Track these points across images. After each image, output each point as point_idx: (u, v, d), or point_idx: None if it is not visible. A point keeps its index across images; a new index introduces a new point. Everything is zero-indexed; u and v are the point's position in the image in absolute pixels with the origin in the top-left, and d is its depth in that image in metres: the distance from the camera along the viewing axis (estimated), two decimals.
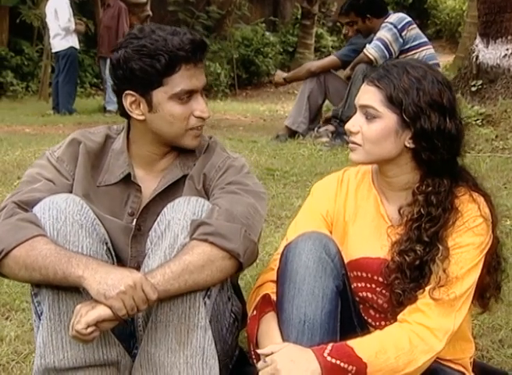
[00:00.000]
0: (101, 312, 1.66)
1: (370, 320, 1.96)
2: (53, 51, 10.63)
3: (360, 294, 1.94)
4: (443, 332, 1.77)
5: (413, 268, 1.83)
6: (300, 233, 1.88)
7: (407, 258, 1.83)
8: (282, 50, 16.61)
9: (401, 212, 1.89)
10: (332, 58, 6.05)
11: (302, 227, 1.97)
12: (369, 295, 1.94)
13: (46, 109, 10.59)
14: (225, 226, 1.80)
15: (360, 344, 1.73)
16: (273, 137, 6.19)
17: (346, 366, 1.69)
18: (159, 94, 1.90)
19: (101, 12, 10.65)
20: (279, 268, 1.86)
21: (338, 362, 1.69)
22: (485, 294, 1.95)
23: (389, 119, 1.82)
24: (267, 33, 16.55)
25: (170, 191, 1.98)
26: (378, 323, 1.94)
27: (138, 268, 1.86)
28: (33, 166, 2.02)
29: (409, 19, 5.72)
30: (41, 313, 1.82)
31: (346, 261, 1.90)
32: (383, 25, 5.56)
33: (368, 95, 1.84)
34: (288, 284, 1.79)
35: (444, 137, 1.80)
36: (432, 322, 1.77)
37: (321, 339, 1.74)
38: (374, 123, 1.83)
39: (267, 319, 1.84)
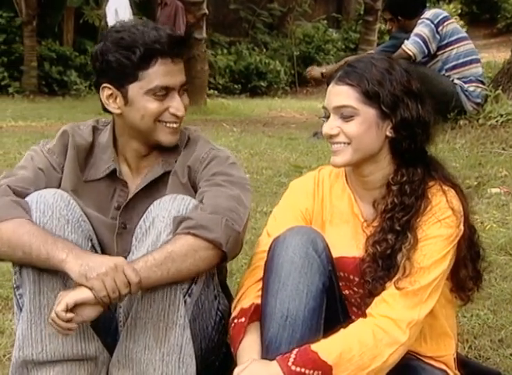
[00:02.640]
0: (81, 294, 1.67)
1: (354, 317, 1.93)
2: None
3: (342, 292, 1.93)
4: (406, 323, 1.74)
5: (385, 257, 1.82)
6: (290, 227, 1.86)
7: (378, 248, 1.83)
8: (343, 47, 16.48)
9: (375, 205, 1.89)
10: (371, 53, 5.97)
11: (282, 223, 1.95)
12: (351, 292, 1.93)
13: None
14: (207, 218, 1.80)
15: (324, 347, 1.71)
16: (311, 135, 6.14)
17: (311, 372, 1.68)
18: (135, 89, 1.90)
19: (158, 11, 10.76)
20: (266, 261, 1.85)
21: (303, 369, 1.68)
22: (464, 286, 1.93)
23: (367, 114, 1.81)
24: (330, 30, 16.45)
25: (154, 188, 1.99)
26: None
27: None
28: (30, 151, 2.04)
29: (445, 14, 5.63)
30: (23, 306, 1.85)
31: None
32: (420, 21, 5.47)
33: (342, 95, 1.82)
34: (273, 279, 1.78)
35: (422, 124, 1.82)
36: (396, 313, 1.75)
37: (302, 335, 1.73)
38: (352, 121, 1.81)
39: (251, 331, 1.82)
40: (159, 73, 1.89)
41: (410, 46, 5.37)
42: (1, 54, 13.31)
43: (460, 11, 16.59)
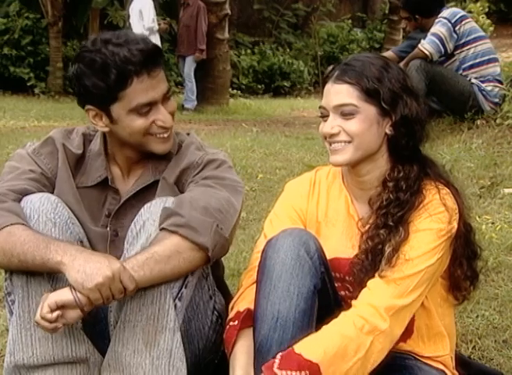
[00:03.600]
0: (64, 296, 1.68)
1: None
2: None
3: (338, 293, 1.93)
4: (388, 309, 1.74)
5: (376, 251, 1.82)
6: (282, 229, 1.86)
7: (370, 243, 1.83)
8: (368, 46, 16.39)
9: (371, 203, 1.88)
10: (389, 54, 5.90)
11: (278, 224, 1.96)
12: (346, 293, 1.93)
13: None
14: (197, 220, 1.79)
15: (307, 346, 1.70)
16: None
17: (298, 373, 1.67)
18: (117, 109, 1.88)
19: (181, 12, 10.82)
20: (259, 263, 1.85)
21: (289, 372, 1.66)
22: (459, 285, 1.92)
23: (367, 111, 1.81)
24: (354, 30, 16.39)
25: (145, 195, 1.97)
26: None
27: None
28: (11, 160, 2.03)
29: (463, 13, 5.56)
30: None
31: None
32: (437, 20, 5.40)
33: (342, 94, 1.81)
34: (265, 280, 1.78)
35: (420, 122, 1.84)
36: (377, 299, 1.74)
37: (293, 337, 1.73)
38: (353, 119, 1.81)
39: (245, 334, 1.83)
40: (138, 92, 1.85)
41: (426, 45, 5.32)
42: (28, 55, 13.46)
43: (487, 9, 16.42)
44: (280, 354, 1.69)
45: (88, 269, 1.68)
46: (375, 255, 1.82)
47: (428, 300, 1.88)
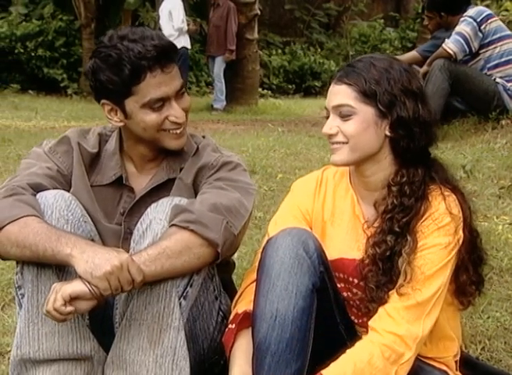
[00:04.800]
0: (77, 287, 1.69)
1: (353, 318, 1.96)
2: None
3: (342, 294, 1.93)
4: (412, 339, 1.75)
5: (384, 259, 1.82)
6: (282, 228, 1.87)
7: (378, 249, 1.82)
8: (400, 46, 16.27)
9: (376, 206, 1.88)
10: (413, 54, 5.86)
11: (282, 224, 1.96)
12: (349, 295, 1.93)
13: None
14: (208, 216, 1.81)
15: (335, 373, 1.72)
16: None
17: None
18: (131, 103, 1.92)
19: (211, 12, 10.87)
20: (258, 262, 1.86)
21: None
22: (464, 290, 1.91)
23: (365, 113, 1.81)
24: (387, 29, 16.28)
25: (159, 193, 2.00)
26: (360, 320, 1.94)
27: None
28: (28, 157, 2.07)
29: (488, 11, 5.47)
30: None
31: None
32: (462, 19, 5.34)
33: (340, 95, 1.82)
34: (264, 279, 1.79)
35: (420, 124, 1.81)
36: (402, 329, 1.75)
37: (291, 335, 1.74)
38: (350, 120, 1.81)
39: (243, 336, 1.85)
40: (151, 87, 1.89)
41: (450, 45, 5.26)
42: (61, 56, 13.67)
43: None
44: None
45: (97, 260, 1.70)
46: (385, 263, 1.82)
47: None
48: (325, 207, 2.00)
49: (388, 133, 1.82)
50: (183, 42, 10.54)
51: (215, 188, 1.94)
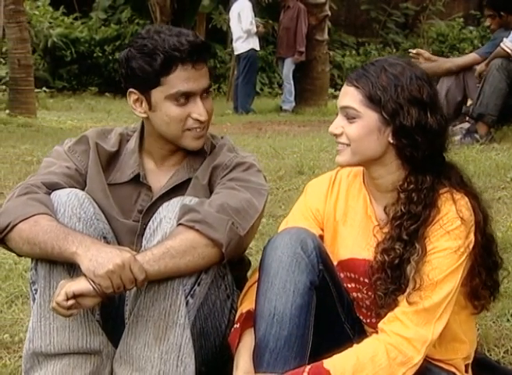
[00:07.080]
0: (82, 285, 1.73)
1: (362, 317, 1.96)
2: (235, 53, 11.10)
3: (351, 294, 1.94)
4: (421, 342, 1.74)
5: (393, 267, 1.80)
6: (283, 228, 1.91)
7: (386, 257, 1.81)
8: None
9: (386, 211, 1.87)
10: (473, 57, 5.63)
11: (292, 224, 1.97)
12: (359, 296, 1.93)
13: (229, 109, 11.06)
14: (213, 216, 1.82)
15: (337, 364, 1.71)
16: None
17: None
18: (157, 94, 1.94)
19: (281, 14, 10.88)
20: (259, 261, 1.87)
21: None
22: (477, 294, 1.89)
23: (369, 117, 1.79)
24: (468, 28, 15.89)
25: (177, 192, 2.02)
26: (369, 320, 1.94)
27: None
28: (49, 155, 2.13)
29: None
30: None
31: (336, 261, 1.92)
32: None
33: (348, 96, 1.81)
34: (263, 278, 1.81)
35: (425, 133, 1.77)
36: (410, 332, 1.74)
37: (289, 332, 1.75)
38: (354, 123, 1.80)
39: (247, 335, 1.87)
40: (180, 79, 1.91)
41: (508, 44, 5.03)
42: None
43: None
44: (308, 367, 1.72)
45: (100, 259, 1.73)
46: (394, 270, 1.80)
47: None
48: (337, 207, 1.99)
49: (391, 140, 1.80)
50: (251, 44, 10.63)
51: (226, 189, 1.95)
